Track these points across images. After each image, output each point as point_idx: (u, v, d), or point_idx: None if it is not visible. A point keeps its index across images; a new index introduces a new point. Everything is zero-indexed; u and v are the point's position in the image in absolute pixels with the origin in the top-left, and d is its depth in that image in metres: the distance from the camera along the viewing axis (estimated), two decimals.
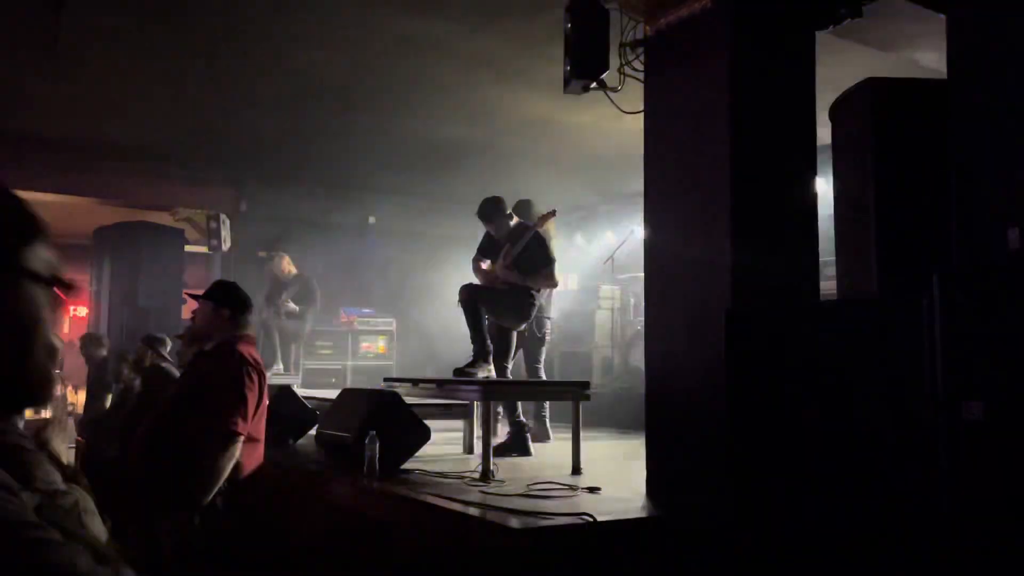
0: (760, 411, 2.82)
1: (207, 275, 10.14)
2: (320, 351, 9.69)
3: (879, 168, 2.92)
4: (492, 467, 4.15)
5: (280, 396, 5.58)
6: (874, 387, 2.49)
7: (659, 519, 3.34)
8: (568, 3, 4.34)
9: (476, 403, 5.11)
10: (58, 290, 0.92)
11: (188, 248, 10.87)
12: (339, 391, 5.66)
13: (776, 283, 3.45)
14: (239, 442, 3.43)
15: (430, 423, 4.51)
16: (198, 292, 3.93)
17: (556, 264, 5.51)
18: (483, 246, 5.76)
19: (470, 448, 5.30)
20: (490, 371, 5.20)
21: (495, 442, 4.60)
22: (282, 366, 8.84)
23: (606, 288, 9.48)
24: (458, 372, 5.06)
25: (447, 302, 6.65)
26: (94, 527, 0.92)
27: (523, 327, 5.59)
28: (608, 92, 4.25)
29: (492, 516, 3.20)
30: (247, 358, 3.58)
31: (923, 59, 5.63)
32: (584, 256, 10.78)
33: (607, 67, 4.24)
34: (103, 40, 6.27)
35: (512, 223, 5.58)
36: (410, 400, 4.70)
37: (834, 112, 3.35)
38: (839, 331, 2.69)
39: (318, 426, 5.00)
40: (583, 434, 4.54)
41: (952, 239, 2.48)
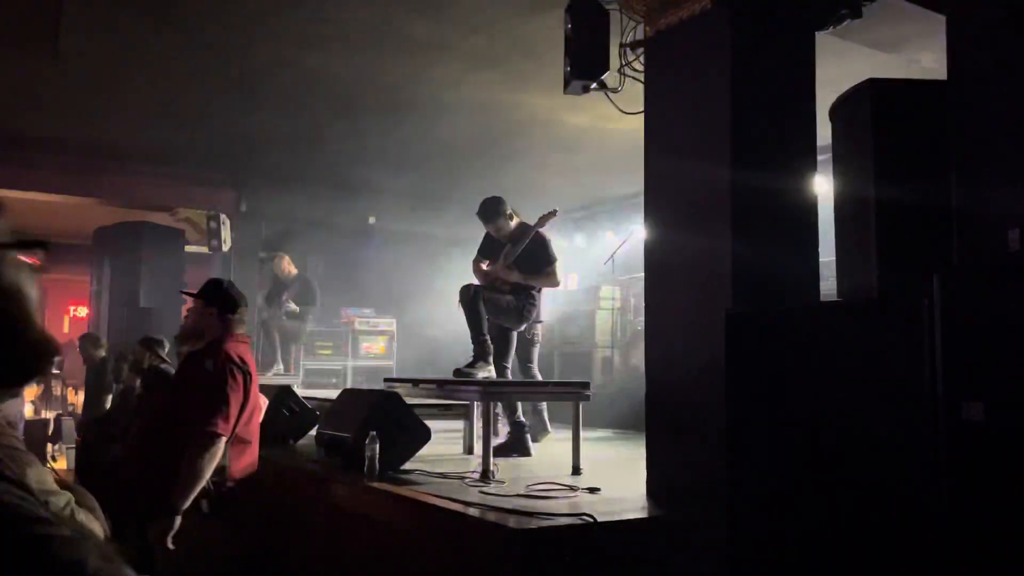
0: (760, 411, 2.82)
1: (207, 275, 10.06)
2: (320, 351, 9.69)
3: (879, 169, 2.92)
4: (492, 467, 4.16)
5: (280, 396, 5.59)
6: (874, 387, 2.49)
7: (659, 519, 3.34)
8: (568, 4, 4.35)
9: (476, 403, 5.11)
10: (31, 256, 0.91)
11: (188, 248, 10.89)
12: (339, 391, 5.67)
13: (776, 283, 3.45)
14: (220, 444, 3.32)
15: (430, 423, 4.51)
16: (193, 291, 3.84)
17: (557, 263, 5.52)
18: (483, 246, 5.77)
19: (470, 448, 5.30)
20: (490, 371, 5.21)
21: (495, 442, 4.60)
22: (282, 366, 8.85)
23: (606, 288, 9.50)
24: (458, 372, 5.06)
25: (447, 302, 6.66)
26: (89, 526, 0.92)
27: (523, 327, 5.59)
28: (608, 93, 4.25)
29: (492, 516, 3.21)
30: (232, 358, 3.48)
31: (923, 59, 5.64)
32: (584, 256, 10.78)
33: (607, 68, 4.25)
34: (103, 41, 6.28)
35: (513, 224, 5.58)
36: (410, 400, 4.70)
37: (834, 113, 3.35)
38: (839, 332, 2.69)
39: (318, 426, 5.00)
40: (583, 434, 4.55)
41: (952, 240, 2.48)
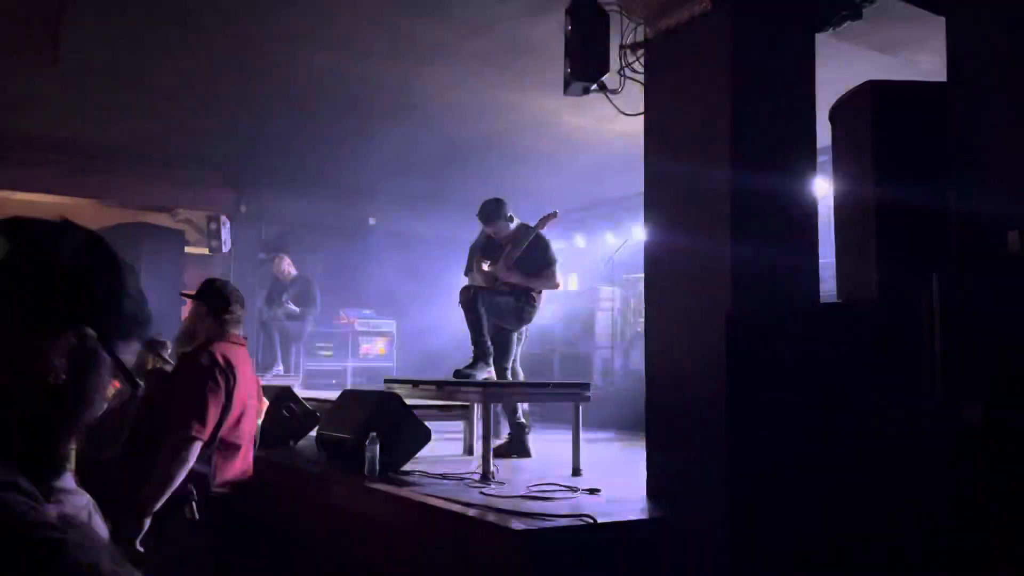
0: (760, 412, 2.82)
1: (207, 277, 10.13)
2: (320, 352, 9.69)
3: (879, 170, 2.92)
4: (492, 468, 4.16)
5: (281, 397, 5.59)
6: (874, 388, 2.50)
7: (659, 520, 3.34)
8: (569, 5, 4.35)
9: (476, 404, 5.11)
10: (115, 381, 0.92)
11: (188, 250, 10.88)
12: (340, 392, 5.67)
13: (776, 285, 3.45)
14: (192, 447, 3.27)
15: (430, 424, 4.52)
16: (192, 292, 3.83)
17: (557, 265, 5.52)
18: (482, 247, 5.76)
19: (470, 449, 5.30)
20: (490, 373, 5.21)
21: (495, 443, 4.60)
22: (282, 367, 8.85)
23: (606, 289, 9.50)
24: (458, 374, 5.06)
25: (447, 303, 6.66)
26: (100, 528, 0.93)
27: (523, 329, 5.59)
28: (608, 94, 4.25)
29: (492, 517, 3.21)
30: (216, 359, 3.41)
31: (923, 61, 5.64)
32: (584, 257, 10.78)
33: (607, 69, 4.25)
34: (104, 42, 6.28)
35: (513, 225, 5.58)
36: (410, 401, 4.70)
37: (834, 114, 3.35)
38: (839, 333, 2.70)
39: (319, 427, 5.01)
40: (583, 435, 4.55)
41: (952, 241, 2.49)
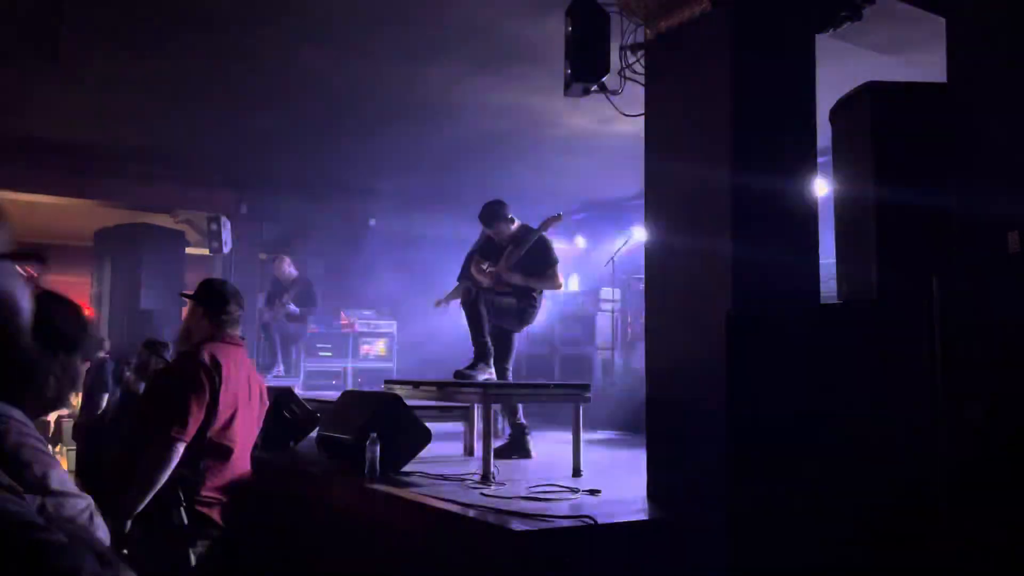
0: (760, 413, 2.82)
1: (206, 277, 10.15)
2: (321, 353, 9.69)
3: (879, 171, 2.93)
4: (493, 469, 4.16)
5: (281, 398, 5.59)
6: (874, 388, 2.50)
7: (660, 521, 3.35)
8: (569, 6, 4.35)
9: (476, 405, 5.11)
10: (29, 268, 0.90)
11: (189, 250, 10.90)
12: (340, 393, 5.67)
13: (777, 285, 3.45)
14: (174, 449, 3.22)
15: (431, 425, 4.51)
16: (191, 292, 3.79)
17: (559, 266, 5.52)
18: (482, 248, 5.76)
19: (471, 450, 5.30)
20: (491, 373, 5.21)
21: (495, 444, 4.60)
22: (283, 368, 8.85)
23: (607, 290, 9.50)
24: (459, 374, 5.06)
25: (448, 304, 6.66)
26: (100, 530, 0.93)
27: (524, 330, 5.59)
28: (608, 95, 4.26)
29: (492, 518, 3.20)
30: (202, 360, 3.36)
31: (923, 62, 5.64)
32: (585, 258, 10.79)
33: (608, 70, 4.25)
34: (104, 43, 6.28)
35: (514, 227, 5.59)
36: (411, 402, 4.70)
37: (834, 115, 3.36)
38: (839, 333, 2.70)
39: (319, 428, 5.01)
40: (584, 436, 4.55)
41: (951, 241, 2.49)
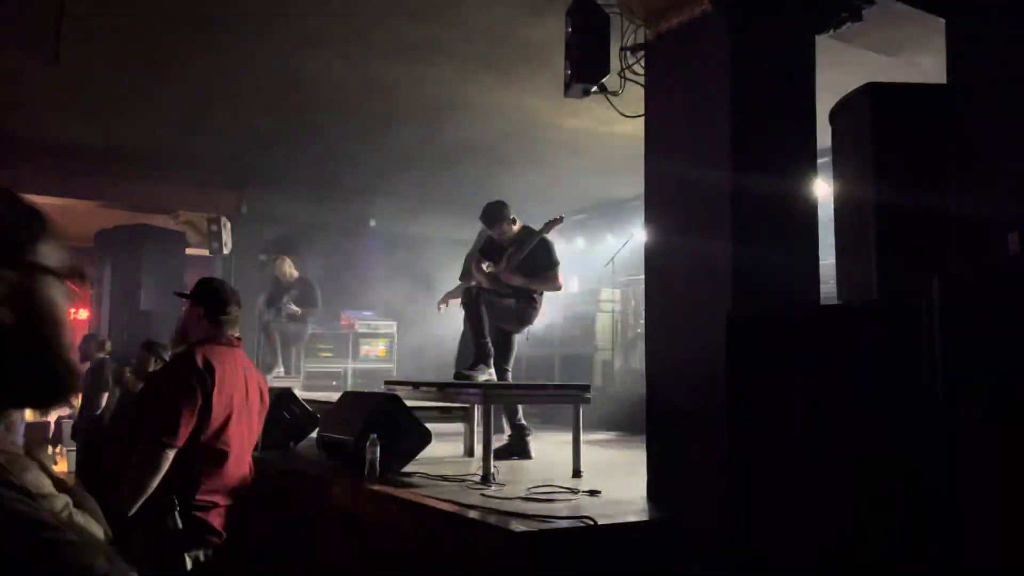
0: (760, 413, 2.82)
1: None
2: (321, 354, 9.69)
3: (879, 172, 2.93)
4: (493, 470, 4.15)
5: (281, 399, 5.59)
6: (874, 390, 2.50)
7: (660, 522, 3.35)
8: (569, 7, 4.35)
9: (477, 406, 5.11)
10: (72, 284, 0.94)
11: (189, 251, 10.91)
12: (340, 394, 5.67)
13: (776, 286, 3.45)
14: (164, 453, 3.18)
15: (431, 426, 4.51)
16: (188, 292, 3.73)
17: (560, 267, 5.52)
18: (483, 248, 5.77)
19: (471, 451, 5.30)
20: (491, 374, 5.21)
21: (496, 445, 4.60)
22: (283, 369, 8.85)
23: (606, 291, 9.50)
24: (459, 375, 5.06)
25: (448, 304, 6.66)
26: (89, 529, 0.92)
27: (524, 331, 5.60)
28: (608, 96, 4.26)
29: (493, 519, 3.20)
30: (193, 362, 3.30)
31: (923, 63, 5.64)
32: (585, 259, 10.79)
33: (608, 71, 4.25)
34: (104, 43, 6.29)
35: (515, 228, 5.59)
36: (411, 403, 4.70)
37: (834, 116, 3.36)
38: (839, 334, 2.70)
39: (319, 429, 5.01)
40: (584, 437, 4.55)
41: (952, 243, 2.49)
